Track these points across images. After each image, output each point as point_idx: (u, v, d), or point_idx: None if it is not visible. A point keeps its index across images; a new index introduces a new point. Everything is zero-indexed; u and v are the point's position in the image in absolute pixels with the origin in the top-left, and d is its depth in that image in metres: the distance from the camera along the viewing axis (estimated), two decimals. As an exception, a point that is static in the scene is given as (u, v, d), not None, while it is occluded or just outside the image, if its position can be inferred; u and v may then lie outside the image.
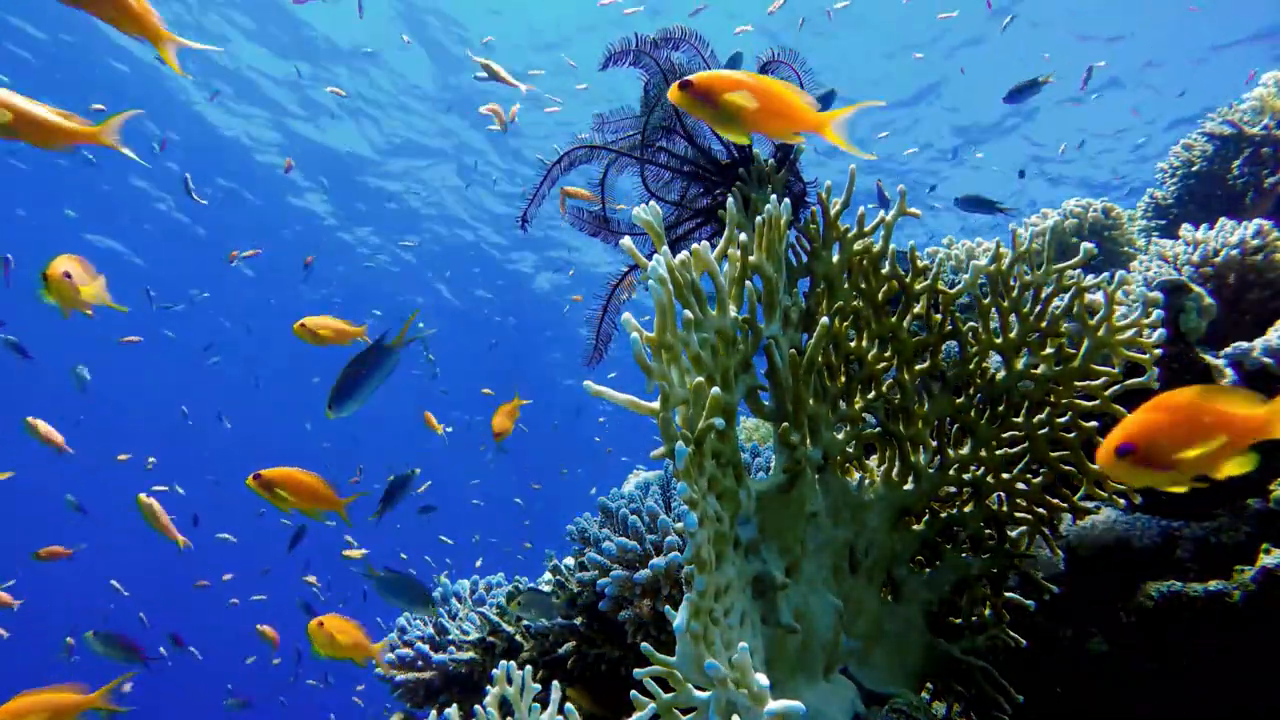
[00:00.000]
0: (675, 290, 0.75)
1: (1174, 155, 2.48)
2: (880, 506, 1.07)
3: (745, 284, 0.85)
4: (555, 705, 0.97)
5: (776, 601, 0.88)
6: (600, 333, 1.16)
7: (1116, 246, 2.26)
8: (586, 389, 0.72)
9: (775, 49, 1.08)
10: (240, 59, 7.78)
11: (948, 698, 1.13)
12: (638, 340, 0.71)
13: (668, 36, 1.08)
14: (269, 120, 8.65)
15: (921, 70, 7.24)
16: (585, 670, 1.51)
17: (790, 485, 0.94)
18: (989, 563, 1.07)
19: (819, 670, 0.94)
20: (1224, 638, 1.07)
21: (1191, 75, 6.71)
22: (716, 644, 0.66)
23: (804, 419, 0.98)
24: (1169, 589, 1.11)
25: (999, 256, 1.05)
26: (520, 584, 1.77)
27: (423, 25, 7.52)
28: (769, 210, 0.91)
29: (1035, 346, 1.05)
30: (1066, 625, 1.18)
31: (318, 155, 9.07)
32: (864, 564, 1.05)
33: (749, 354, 0.90)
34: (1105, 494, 1.03)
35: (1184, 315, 1.28)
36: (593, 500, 1.58)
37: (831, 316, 1.05)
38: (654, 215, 0.80)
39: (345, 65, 7.90)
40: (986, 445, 1.06)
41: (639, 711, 0.69)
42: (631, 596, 1.43)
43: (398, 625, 1.89)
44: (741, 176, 1.10)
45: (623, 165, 1.14)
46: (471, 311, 12.11)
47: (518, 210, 1.15)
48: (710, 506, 0.72)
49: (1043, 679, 1.15)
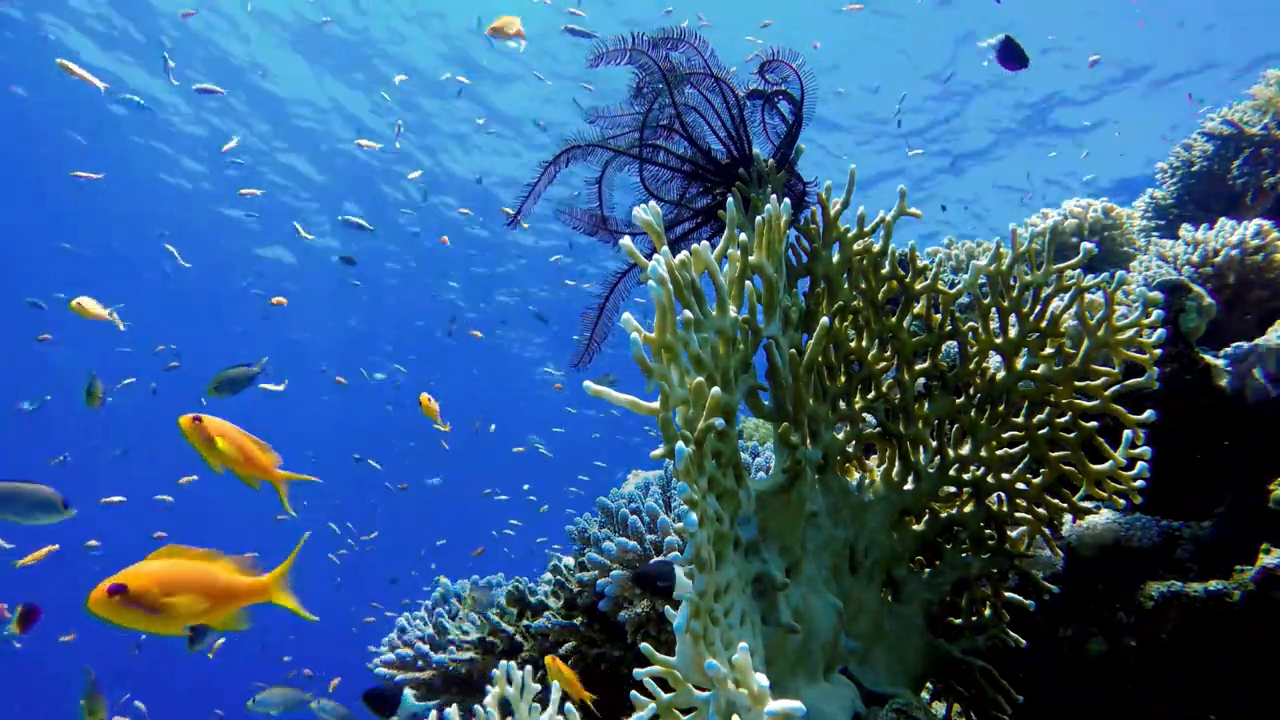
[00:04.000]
0: (675, 290, 0.75)
1: (1174, 155, 2.48)
2: (880, 506, 1.06)
3: (745, 284, 0.85)
4: (555, 705, 0.97)
5: (776, 601, 0.88)
6: (595, 332, 1.15)
7: (1116, 246, 2.26)
8: (586, 389, 0.72)
9: (775, 49, 1.08)
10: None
11: (948, 698, 1.13)
12: (638, 340, 0.71)
13: (666, 36, 1.07)
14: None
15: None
16: (585, 670, 1.51)
17: (790, 485, 0.94)
18: (989, 563, 1.07)
19: (819, 670, 0.94)
20: (1224, 637, 1.07)
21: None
22: (716, 644, 0.66)
23: (804, 419, 0.98)
24: (1169, 589, 1.10)
25: (999, 256, 1.05)
26: (520, 584, 1.77)
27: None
28: (769, 210, 0.91)
29: (1035, 346, 1.04)
30: (1066, 625, 1.18)
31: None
32: (864, 564, 1.05)
33: (749, 354, 0.90)
34: (1105, 494, 1.03)
35: (1184, 315, 1.28)
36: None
37: (831, 316, 1.04)
38: (654, 215, 0.80)
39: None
40: (986, 445, 1.06)
41: (639, 711, 0.69)
42: (631, 596, 1.43)
43: (398, 625, 1.89)
44: (741, 176, 1.10)
45: (621, 163, 1.14)
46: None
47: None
48: (710, 506, 0.72)
49: (1043, 679, 1.15)
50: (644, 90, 1.11)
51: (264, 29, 7.48)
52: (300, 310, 10.90)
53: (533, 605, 1.72)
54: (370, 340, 12.68)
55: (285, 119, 8.58)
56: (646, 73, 1.09)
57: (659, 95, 1.09)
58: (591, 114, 1.14)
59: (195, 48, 7.63)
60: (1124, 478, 1.00)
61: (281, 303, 4.94)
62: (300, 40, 7.65)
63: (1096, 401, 1.02)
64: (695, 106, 1.10)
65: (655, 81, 1.09)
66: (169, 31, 7.41)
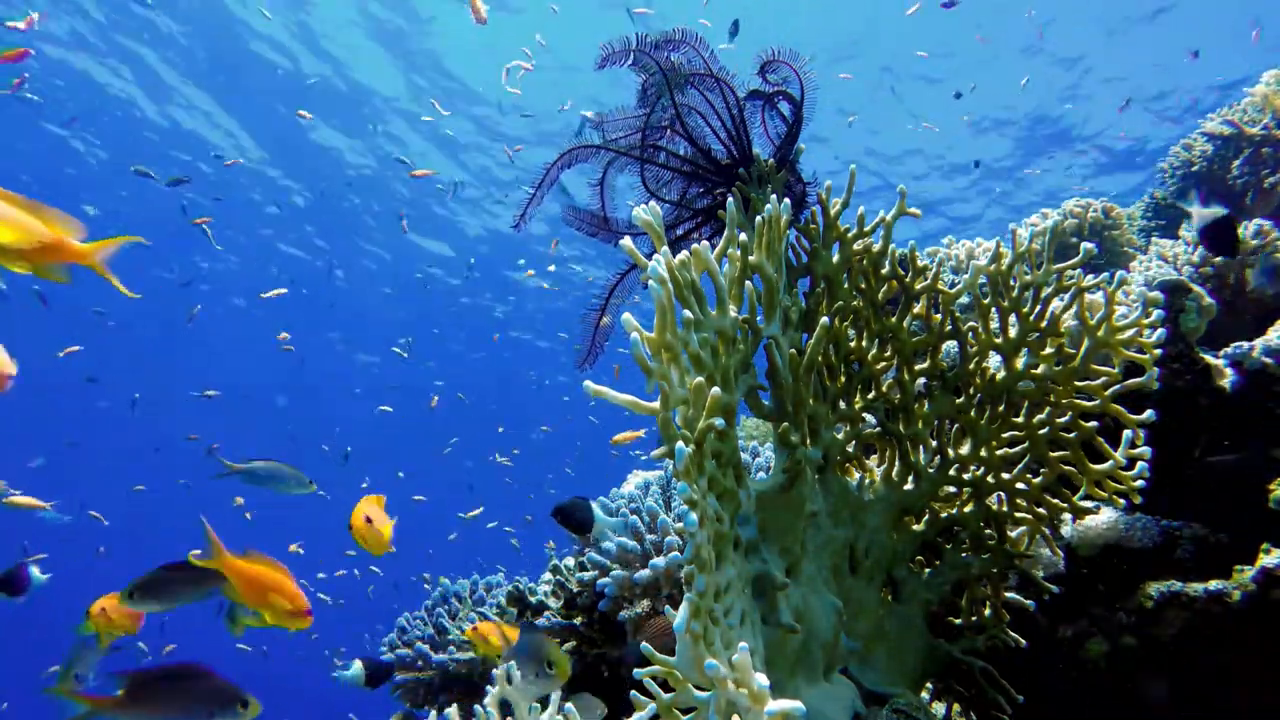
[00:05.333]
0: (675, 290, 0.75)
1: (1174, 155, 2.48)
2: (880, 506, 1.07)
3: (745, 284, 0.85)
4: (555, 705, 0.97)
5: (777, 601, 0.88)
6: (597, 333, 1.15)
7: (1116, 246, 2.27)
8: (586, 389, 0.72)
9: (775, 49, 1.08)
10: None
11: (948, 698, 1.13)
12: (638, 340, 0.71)
13: (668, 39, 1.08)
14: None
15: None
16: (585, 670, 1.51)
17: (790, 485, 0.94)
18: (989, 563, 1.07)
19: (819, 670, 0.94)
20: (1224, 637, 1.07)
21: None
22: (716, 644, 0.66)
23: (804, 419, 0.98)
24: (1169, 589, 1.10)
25: (999, 256, 1.05)
26: (520, 584, 1.77)
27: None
28: (769, 210, 0.91)
29: (1035, 346, 1.04)
30: (1066, 625, 1.18)
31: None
32: (864, 564, 1.05)
33: (749, 354, 0.90)
34: (1105, 494, 1.03)
35: (1184, 315, 1.28)
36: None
37: (831, 316, 1.05)
38: (654, 215, 0.80)
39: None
40: (986, 445, 1.06)
41: (639, 711, 0.69)
42: (631, 597, 1.43)
43: (398, 625, 1.90)
44: (741, 176, 1.10)
45: (622, 165, 1.14)
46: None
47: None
48: (710, 506, 0.72)
49: (1043, 679, 1.15)
50: (647, 92, 1.11)
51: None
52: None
53: (533, 605, 1.72)
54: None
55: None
56: (649, 74, 1.10)
57: (660, 96, 1.09)
58: (594, 118, 1.14)
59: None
60: (1124, 478, 1.00)
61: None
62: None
63: (1096, 401, 1.02)
64: (696, 107, 1.10)
65: (657, 82, 1.09)
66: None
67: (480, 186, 9.23)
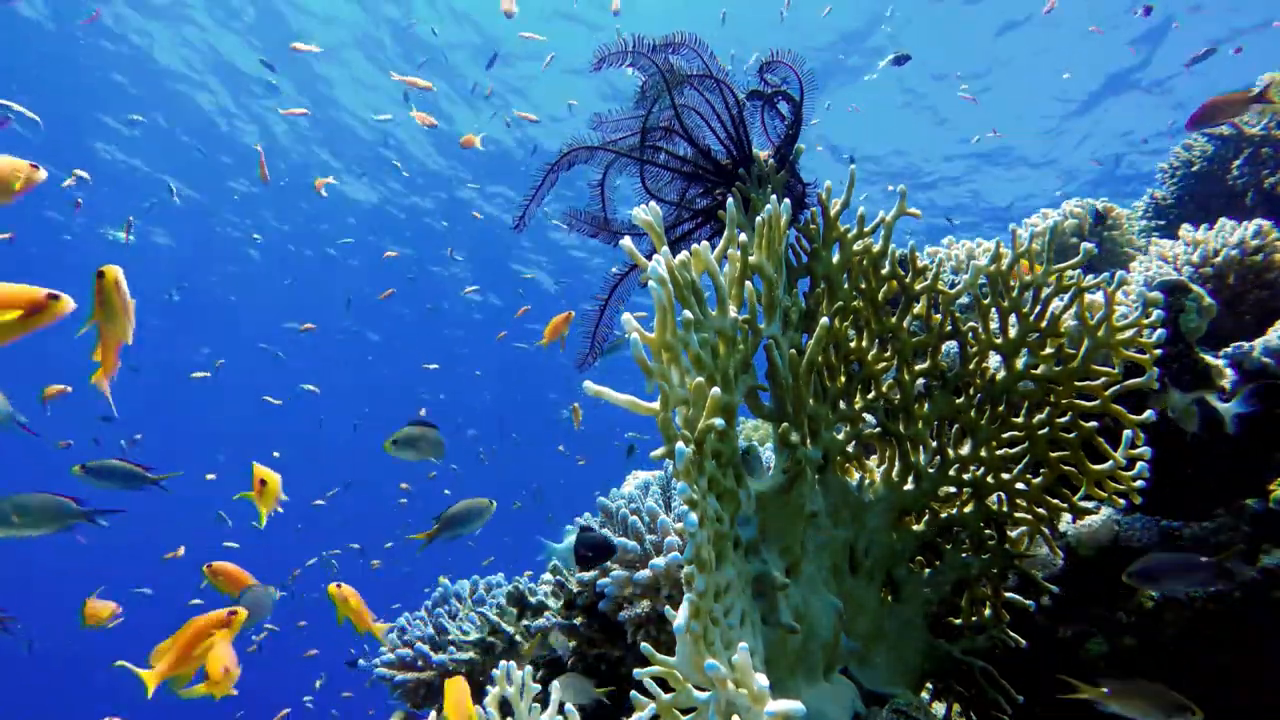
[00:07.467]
0: (675, 290, 0.75)
1: (1174, 155, 2.48)
2: (880, 507, 1.07)
3: (745, 284, 0.85)
4: (555, 705, 0.97)
5: (777, 602, 0.88)
6: (597, 334, 1.15)
7: (1116, 246, 2.26)
8: (585, 389, 0.72)
9: (775, 50, 1.08)
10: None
11: (948, 698, 1.13)
12: (638, 340, 0.71)
13: (668, 41, 1.07)
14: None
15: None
16: (586, 670, 1.51)
17: (790, 485, 0.94)
18: (989, 563, 1.07)
19: (819, 670, 0.94)
20: (1224, 637, 1.07)
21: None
22: (716, 644, 0.66)
23: (804, 419, 0.98)
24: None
25: (999, 256, 1.05)
26: (520, 584, 1.77)
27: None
28: (769, 210, 0.91)
29: (1035, 346, 1.04)
30: (1066, 625, 1.18)
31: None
32: (864, 564, 1.05)
33: (749, 354, 0.90)
34: (1105, 494, 1.03)
35: (1184, 315, 1.28)
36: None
37: (831, 316, 1.05)
38: (654, 215, 0.80)
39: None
40: (986, 445, 1.06)
41: (639, 711, 0.69)
42: (631, 597, 1.43)
43: (398, 625, 1.90)
44: (741, 177, 1.10)
45: (622, 165, 1.14)
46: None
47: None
48: (710, 507, 0.72)
49: (1043, 679, 1.15)
50: (647, 93, 1.11)
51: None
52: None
53: (533, 605, 1.72)
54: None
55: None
56: (648, 75, 1.10)
57: (660, 97, 1.09)
58: (595, 118, 1.14)
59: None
60: (1124, 478, 1.00)
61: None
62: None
63: (1096, 401, 1.02)
64: (696, 108, 1.10)
65: (656, 84, 1.09)
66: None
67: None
